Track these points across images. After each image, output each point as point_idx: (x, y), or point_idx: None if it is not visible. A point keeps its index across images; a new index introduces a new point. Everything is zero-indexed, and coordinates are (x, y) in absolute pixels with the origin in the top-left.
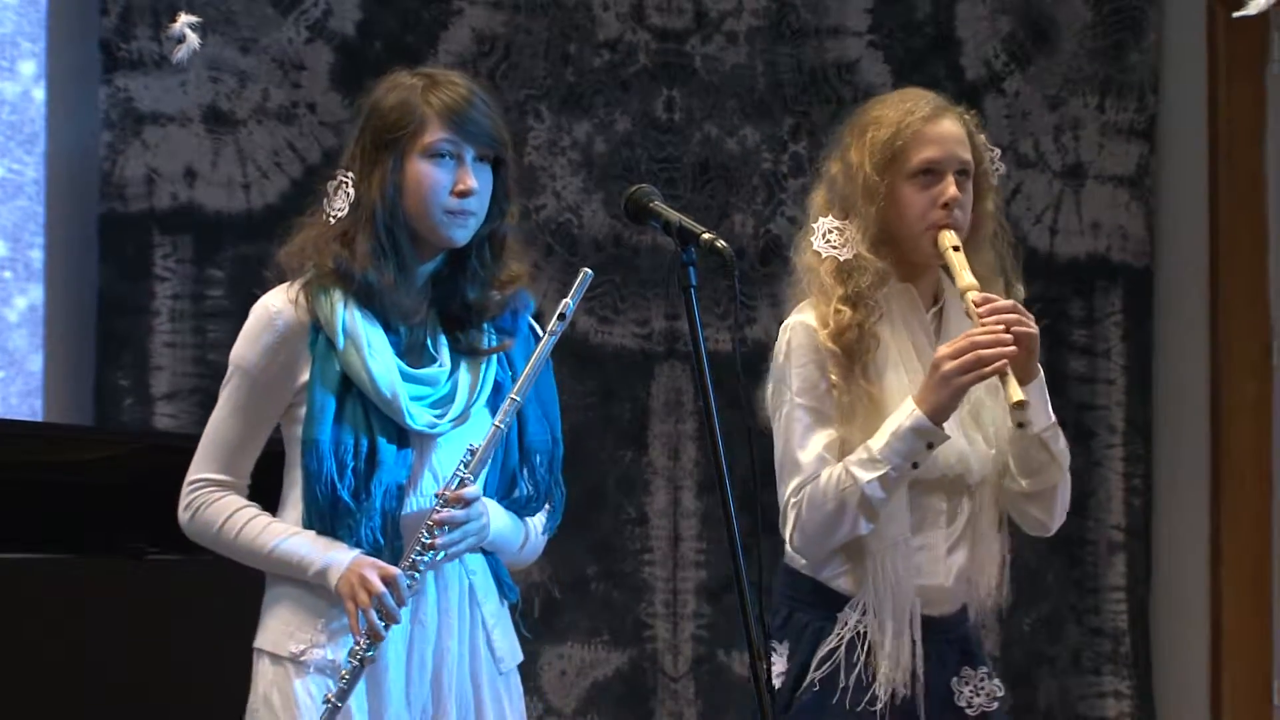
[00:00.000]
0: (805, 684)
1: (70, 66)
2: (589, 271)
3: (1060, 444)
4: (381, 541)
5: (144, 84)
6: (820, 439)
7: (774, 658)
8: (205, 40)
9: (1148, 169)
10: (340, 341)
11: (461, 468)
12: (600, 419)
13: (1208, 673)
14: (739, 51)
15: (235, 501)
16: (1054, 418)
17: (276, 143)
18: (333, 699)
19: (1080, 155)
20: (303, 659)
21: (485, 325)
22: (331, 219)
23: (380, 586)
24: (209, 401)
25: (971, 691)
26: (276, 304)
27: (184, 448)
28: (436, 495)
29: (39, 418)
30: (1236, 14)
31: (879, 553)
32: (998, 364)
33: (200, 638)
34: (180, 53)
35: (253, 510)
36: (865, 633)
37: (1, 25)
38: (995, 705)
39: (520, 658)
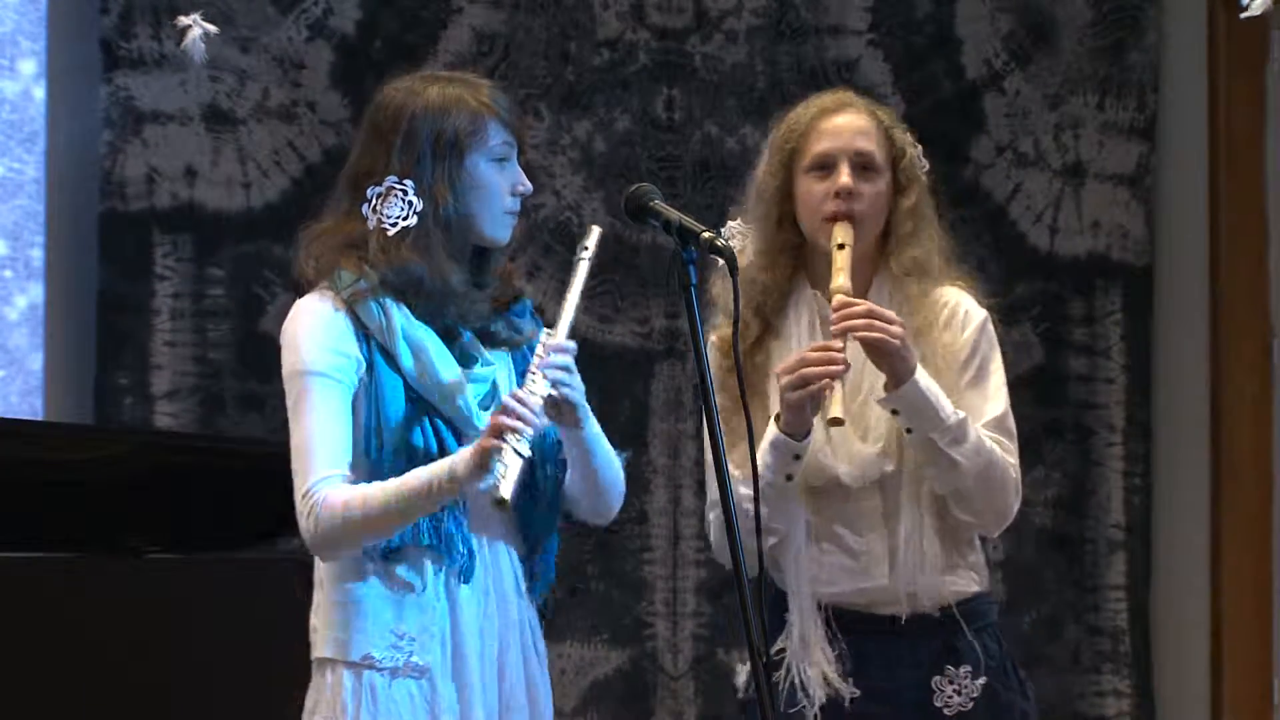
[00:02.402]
0: (753, 687)
1: (70, 65)
2: (597, 228)
3: (967, 449)
4: (465, 546)
5: (144, 83)
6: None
7: (738, 665)
8: (208, 36)
9: (1148, 168)
10: (405, 355)
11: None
12: (600, 418)
13: (1208, 672)
14: (739, 50)
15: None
16: (953, 417)
17: (277, 142)
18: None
19: (1080, 154)
20: (390, 665)
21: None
22: (389, 228)
23: (502, 419)
24: (209, 400)
25: (953, 690)
26: (324, 306)
27: (184, 447)
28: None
29: (39, 417)
30: (1243, 15)
31: (789, 559)
32: (821, 383)
33: (200, 637)
34: (197, 53)
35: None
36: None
37: (1, 24)
38: (971, 705)
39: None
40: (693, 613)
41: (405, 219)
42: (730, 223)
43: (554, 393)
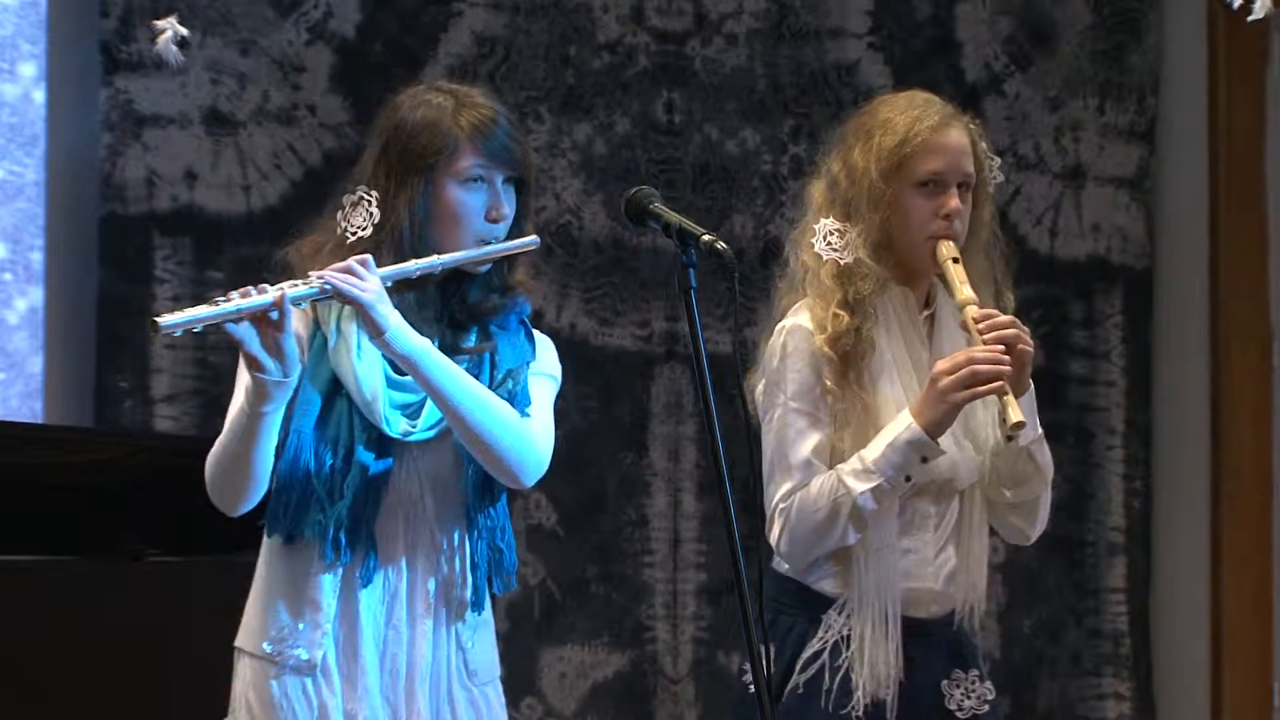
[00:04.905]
0: (789, 687)
1: (70, 68)
2: (536, 238)
3: (1045, 456)
4: (345, 542)
5: (144, 86)
6: (811, 443)
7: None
8: (205, 42)
9: (1148, 171)
10: (333, 339)
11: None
12: (600, 421)
13: (1208, 674)
14: (739, 53)
15: None
16: (1040, 430)
17: (276, 145)
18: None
19: (1080, 157)
20: (278, 658)
21: (474, 327)
22: (350, 236)
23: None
24: (209, 404)
25: (962, 694)
26: None
27: (184, 449)
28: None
29: (39, 420)
30: (1249, 18)
31: (864, 557)
32: (994, 384)
33: (200, 639)
34: (169, 56)
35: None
36: (849, 636)
37: (2, 27)
38: (986, 709)
39: (499, 672)
40: (693, 616)
41: (365, 230)
42: (824, 220)
43: (323, 286)
